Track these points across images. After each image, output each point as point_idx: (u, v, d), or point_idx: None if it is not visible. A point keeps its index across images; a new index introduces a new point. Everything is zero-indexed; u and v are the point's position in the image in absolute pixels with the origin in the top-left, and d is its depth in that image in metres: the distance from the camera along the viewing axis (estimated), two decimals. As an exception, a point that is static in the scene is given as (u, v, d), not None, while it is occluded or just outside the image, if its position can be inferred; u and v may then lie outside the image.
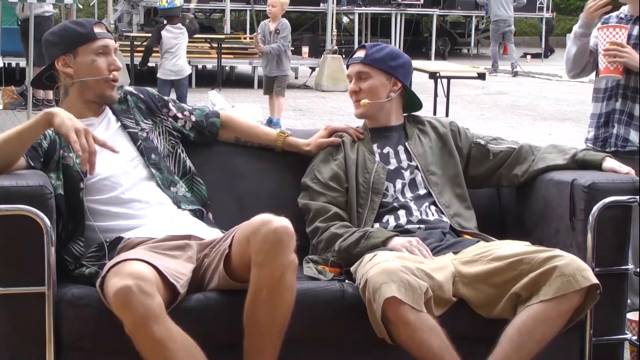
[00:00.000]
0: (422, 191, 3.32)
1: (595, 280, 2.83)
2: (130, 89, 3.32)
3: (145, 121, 3.23)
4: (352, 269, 3.08)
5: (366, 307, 2.80)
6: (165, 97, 3.41)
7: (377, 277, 2.76)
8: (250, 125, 3.53)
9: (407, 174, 3.34)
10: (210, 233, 3.06)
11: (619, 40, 3.70)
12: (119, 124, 3.17)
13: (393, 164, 3.36)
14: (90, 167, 2.80)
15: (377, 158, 3.36)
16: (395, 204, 3.28)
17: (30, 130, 2.85)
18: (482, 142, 3.46)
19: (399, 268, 2.78)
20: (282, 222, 2.74)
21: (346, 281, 3.02)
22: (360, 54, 3.42)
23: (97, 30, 3.12)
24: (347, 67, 3.50)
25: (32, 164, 2.94)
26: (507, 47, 19.80)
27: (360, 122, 3.52)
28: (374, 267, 2.82)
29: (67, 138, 2.78)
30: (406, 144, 3.40)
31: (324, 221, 3.24)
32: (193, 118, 3.37)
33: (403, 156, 3.38)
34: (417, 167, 3.35)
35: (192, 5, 10.00)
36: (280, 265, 2.70)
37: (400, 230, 3.20)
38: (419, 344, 2.76)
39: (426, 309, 2.77)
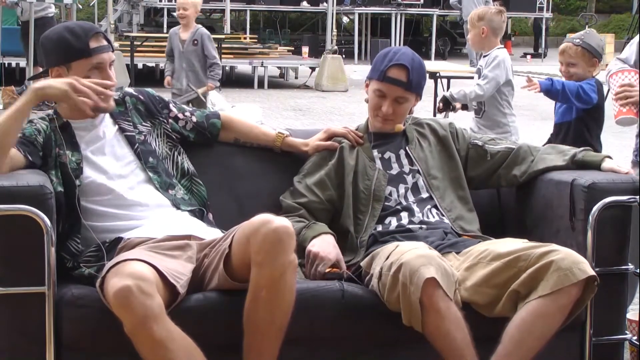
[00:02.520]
0: (424, 195, 3.32)
1: (592, 272, 2.83)
2: (130, 90, 3.30)
3: (143, 123, 3.22)
4: (362, 263, 3.08)
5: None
6: (166, 98, 3.40)
7: (415, 260, 2.77)
8: (249, 125, 3.53)
9: (409, 178, 3.34)
10: (210, 233, 3.06)
11: (628, 81, 3.60)
12: (116, 127, 3.15)
13: (395, 169, 3.35)
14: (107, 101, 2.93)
15: (379, 164, 3.35)
16: (398, 207, 3.28)
17: (24, 108, 2.88)
18: (480, 143, 3.45)
19: (435, 254, 2.81)
20: (282, 222, 2.74)
21: (347, 275, 3.02)
22: (402, 76, 3.26)
23: (93, 44, 3.03)
24: (377, 78, 3.28)
25: (31, 159, 2.94)
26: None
27: (360, 121, 3.52)
28: (408, 252, 2.82)
29: (76, 104, 2.87)
30: (407, 148, 3.39)
31: (286, 216, 3.23)
32: (194, 119, 3.36)
33: (404, 161, 3.37)
34: (418, 171, 3.35)
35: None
36: (280, 265, 2.70)
37: (402, 230, 3.20)
38: (444, 334, 2.76)
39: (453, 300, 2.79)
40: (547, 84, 4.53)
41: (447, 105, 5.60)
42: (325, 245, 3.10)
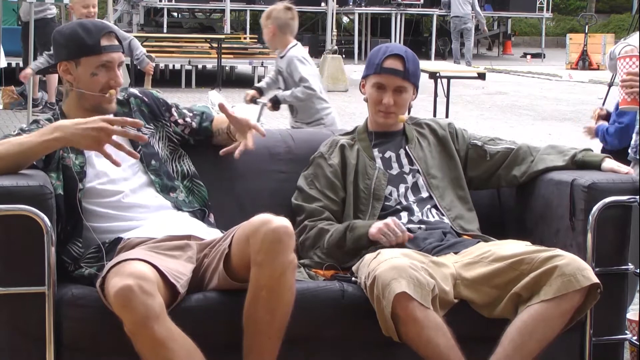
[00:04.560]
0: (424, 194, 3.32)
1: (595, 280, 2.84)
2: (135, 91, 3.27)
3: (147, 125, 3.20)
4: (353, 268, 3.08)
5: (372, 305, 2.81)
6: (169, 102, 3.37)
7: (386, 274, 2.77)
8: (219, 118, 3.35)
9: (409, 178, 3.34)
10: (210, 233, 3.06)
11: (635, 70, 3.49)
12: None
13: (395, 168, 3.35)
14: (132, 155, 2.88)
15: (379, 163, 3.35)
16: (398, 207, 3.28)
17: (44, 150, 2.85)
18: (479, 144, 3.45)
19: (408, 265, 2.80)
20: (282, 222, 2.74)
21: (352, 278, 3.02)
22: (398, 65, 3.29)
23: (104, 42, 3.04)
24: (374, 72, 3.31)
25: (34, 163, 2.94)
26: (466, 44, 20.45)
27: (360, 121, 3.51)
28: (382, 263, 2.82)
29: (99, 152, 2.82)
30: (407, 147, 3.39)
31: (313, 220, 3.24)
32: (194, 125, 3.33)
33: (404, 160, 3.37)
34: (418, 171, 3.35)
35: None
36: (280, 265, 2.70)
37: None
38: (425, 342, 2.76)
39: (432, 307, 2.78)
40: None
41: (276, 104, 5.68)
42: (380, 223, 3.09)
